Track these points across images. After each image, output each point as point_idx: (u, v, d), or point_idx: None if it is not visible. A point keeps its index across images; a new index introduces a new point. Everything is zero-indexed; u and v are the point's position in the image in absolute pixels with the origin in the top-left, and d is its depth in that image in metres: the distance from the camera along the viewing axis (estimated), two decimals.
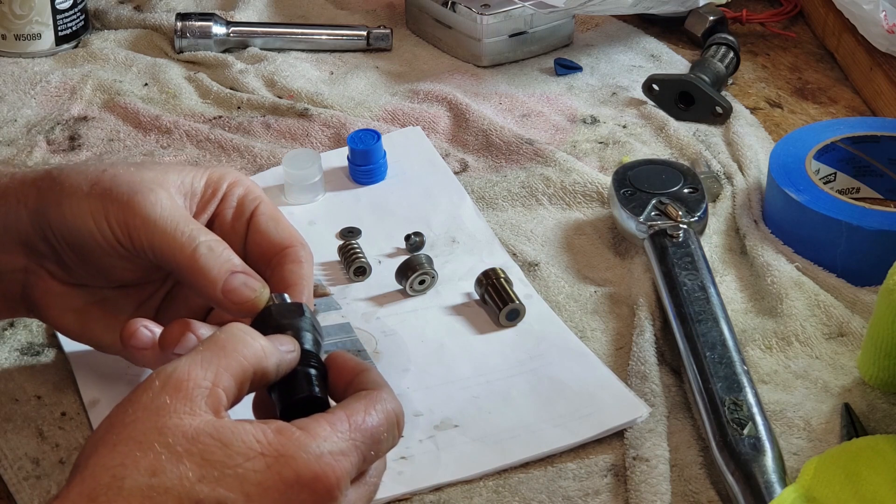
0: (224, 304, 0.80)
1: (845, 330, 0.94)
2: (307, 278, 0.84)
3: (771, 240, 1.02)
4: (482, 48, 1.28)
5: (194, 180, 0.84)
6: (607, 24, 1.36)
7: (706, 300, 0.92)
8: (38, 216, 0.82)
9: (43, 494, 0.81)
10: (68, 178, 0.82)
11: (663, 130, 1.17)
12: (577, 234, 1.05)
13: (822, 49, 1.32)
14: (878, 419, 0.87)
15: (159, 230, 0.80)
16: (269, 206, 0.86)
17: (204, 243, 0.80)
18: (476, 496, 0.82)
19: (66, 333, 0.87)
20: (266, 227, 0.84)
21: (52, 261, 0.84)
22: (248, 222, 0.85)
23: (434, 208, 1.07)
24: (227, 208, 0.85)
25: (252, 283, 0.80)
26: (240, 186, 0.86)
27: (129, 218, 0.80)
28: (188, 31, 1.30)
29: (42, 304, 0.85)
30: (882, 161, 1.08)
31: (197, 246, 0.80)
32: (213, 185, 0.85)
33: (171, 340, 0.79)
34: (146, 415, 0.64)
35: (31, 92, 1.23)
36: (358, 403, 0.69)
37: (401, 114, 1.20)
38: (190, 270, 0.80)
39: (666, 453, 0.83)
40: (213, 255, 0.80)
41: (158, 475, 0.62)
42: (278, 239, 0.84)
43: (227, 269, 0.80)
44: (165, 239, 0.80)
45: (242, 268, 0.81)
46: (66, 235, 0.82)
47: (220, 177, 0.85)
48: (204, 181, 0.85)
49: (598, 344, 0.94)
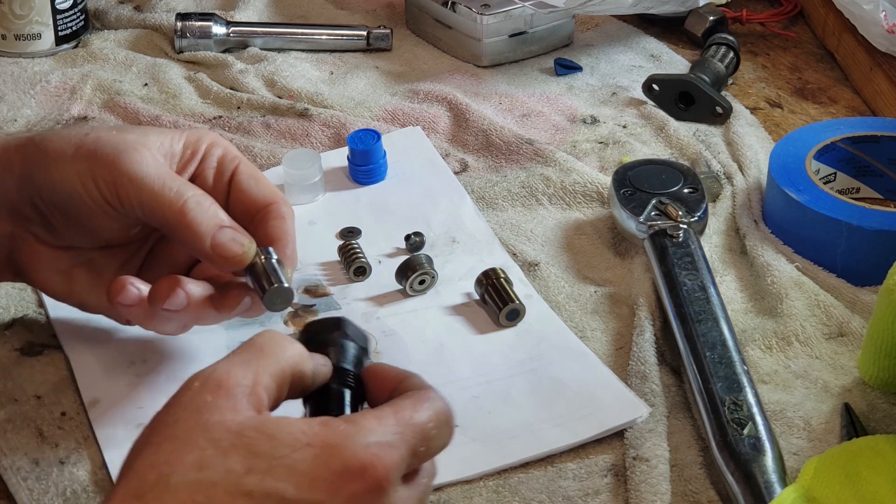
0: (213, 258, 0.82)
1: (845, 330, 0.94)
2: (290, 233, 0.86)
3: (771, 240, 1.02)
4: (482, 48, 1.28)
5: (173, 142, 0.86)
6: (607, 24, 1.36)
7: (706, 300, 0.92)
8: (25, 181, 0.84)
9: (43, 494, 0.81)
10: (52, 143, 0.84)
11: (663, 130, 1.17)
12: (577, 234, 1.05)
13: (822, 49, 1.32)
14: (878, 419, 0.87)
15: (147, 187, 0.82)
16: (248, 166, 0.88)
17: (192, 198, 0.82)
18: (476, 496, 0.82)
19: (52, 295, 0.89)
20: (247, 185, 0.87)
21: (40, 225, 0.85)
22: (228, 182, 0.87)
23: (434, 208, 1.07)
24: (207, 168, 0.87)
25: (240, 238, 0.82)
26: (218, 147, 0.87)
27: (117, 177, 0.82)
28: (188, 31, 1.30)
29: (28, 267, 0.87)
30: (882, 161, 1.08)
31: (185, 201, 0.82)
32: (191, 146, 0.87)
33: (160, 296, 0.82)
34: (188, 414, 0.64)
35: (31, 92, 1.23)
36: (405, 401, 0.68)
37: (401, 114, 1.20)
38: (179, 225, 0.82)
39: (666, 453, 0.83)
40: (202, 209, 0.82)
41: (205, 470, 0.62)
42: (260, 196, 0.86)
43: (216, 224, 0.82)
44: (154, 195, 0.82)
45: (230, 223, 0.83)
46: (55, 198, 0.83)
47: (199, 138, 0.87)
48: (182, 142, 0.86)
49: (598, 344, 0.94)
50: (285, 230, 0.86)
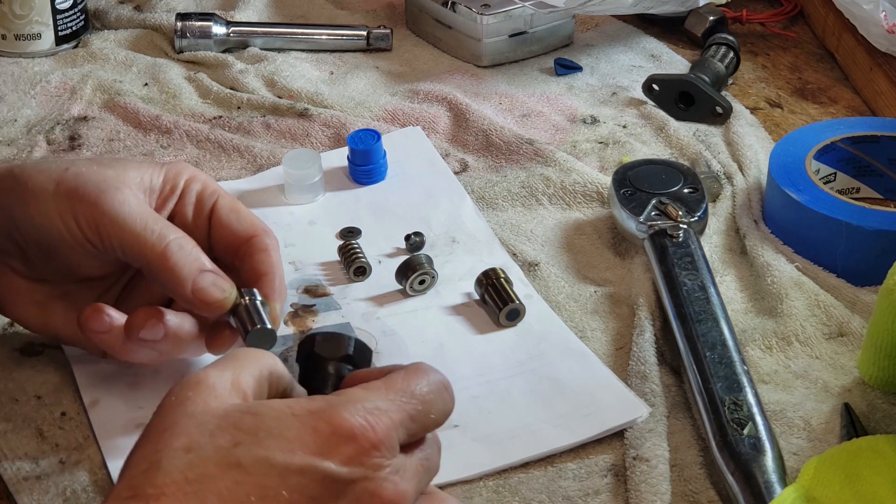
0: (193, 303, 0.82)
1: (845, 330, 0.94)
2: (276, 265, 0.85)
3: (771, 240, 1.02)
4: (482, 48, 1.28)
5: (153, 177, 0.85)
6: (607, 24, 1.36)
7: (706, 300, 0.92)
8: (3, 215, 0.83)
9: (43, 494, 0.81)
10: (31, 178, 0.83)
11: (663, 130, 1.17)
12: (577, 234, 1.05)
13: (822, 49, 1.32)
14: (878, 419, 0.87)
15: (128, 228, 0.81)
16: (228, 199, 0.87)
17: (174, 241, 0.82)
18: (476, 496, 0.82)
19: (27, 326, 0.89)
20: (228, 219, 0.86)
21: (17, 258, 0.85)
22: (208, 217, 0.86)
23: (434, 208, 1.07)
24: (186, 205, 0.86)
25: (221, 283, 0.82)
26: (196, 182, 0.87)
27: (98, 216, 0.81)
28: (188, 31, 1.30)
29: (4, 298, 0.87)
30: (882, 161, 1.08)
31: (167, 244, 0.81)
32: (170, 181, 0.86)
33: (137, 325, 0.81)
34: (172, 409, 0.65)
35: (31, 92, 1.23)
36: (396, 374, 0.68)
37: (401, 114, 1.20)
38: (160, 268, 0.81)
39: (666, 453, 0.83)
40: (183, 253, 0.82)
41: (194, 450, 0.62)
42: (241, 230, 0.86)
43: (197, 268, 0.82)
44: (135, 237, 0.81)
45: (212, 267, 0.82)
46: (34, 234, 0.83)
47: (177, 173, 0.87)
48: (162, 178, 0.86)
49: (598, 344, 0.94)
50: (271, 263, 0.85)
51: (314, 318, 0.95)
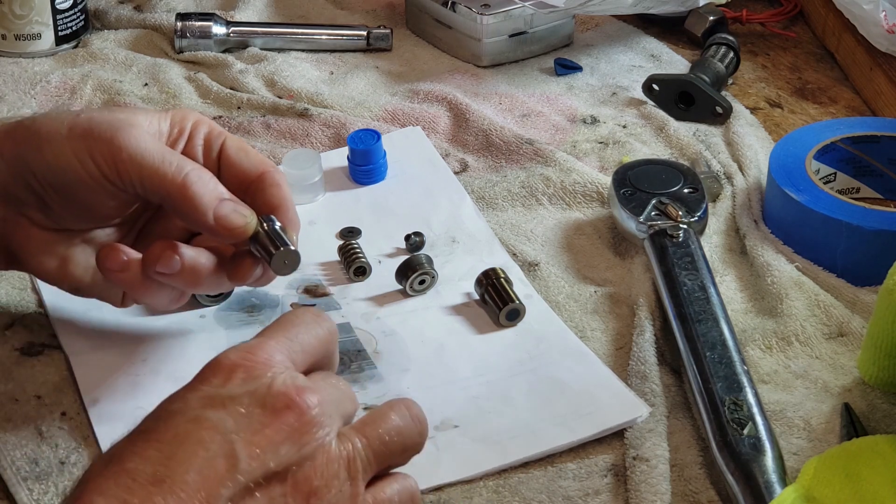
0: (216, 231, 0.83)
1: (845, 330, 0.94)
2: (288, 198, 0.87)
3: (771, 240, 1.02)
4: (482, 48, 1.28)
5: (160, 121, 0.87)
6: (607, 24, 1.36)
7: (706, 300, 0.92)
8: (18, 164, 0.84)
9: (43, 494, 0.81)
10: (43, 125, 0.84)
11: (663, 130, 1.17)
12: (577, 234, 1.05)
13: (822, 49, 1.32)
14: (878, 419, 0.87)
15: (147, 162, 0.82)
16: (235, 139, 0.89)
17: (193, 171, 0.83)
18: (476, 496, 0.82)
19: (46, 279, 0.89)
20: (237, 158, 0.88)
21: (35, 207, 0.86)
22: (218, 158, 0.88)
23: (434, 208, 1.07)
24: (195, 146, 0.88)
25: (242, 209, 0.84)
26: (203, 125, 0.89)
27: (116, 153, 0.82)
28: (188, 31, 1.30)
29: (23, 252, 0.87)
30: (882, 161, 1.08)
31: (187, 175, 0.82)
32: (177, 124, 0.88)
33: (152, 258, 0.83)
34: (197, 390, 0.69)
35: (31, 92, 1.23)
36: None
37: (401, 114, 1.20)
38: (181, 199, 0.82)
39: (666, 453, 0.83)
40: (202, 182, 0.83)
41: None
42: (251, 167, 0.88)
43: (217, 197, 0.83)
44: (154, 170, 0.82)
45: (230, 196, 0.84)
46: (50, 178, 0.84)
47: (183, 116, 0.88)
48: (168, 121, 0.87)
49: (598, 344, 0.94)
50: (283, 196, 0.87)
51: None
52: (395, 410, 0.71)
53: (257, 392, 0.67)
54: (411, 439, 0.71)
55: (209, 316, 0.95)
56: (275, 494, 0.65)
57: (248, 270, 0.86)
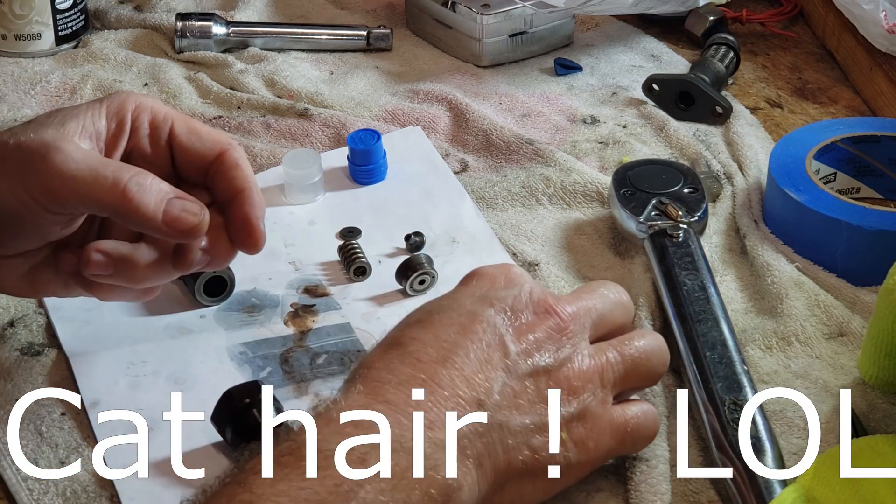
0: (169, 234, 0.80)
1: (845, 330, 0.94)
2: (251, 178, 0.84)
3: (771, 240, 1.02)
4: (482, 48, 1.28)
5: (94, 120, 0.82)
6: (607, 24, 1.36)
7: (706, 300, 0.92)
8: None
9: (43, 494, 0.81)
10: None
11: (663, 130, 1.17)
12: (577, 234, 1.05)
13: (822, 49, 1.32)
14: (878, 419, 0.86)
15: (81, 182, 0.78)
16: (184, 121, 0.85)
17: (132, 179, 0.79)
18: None
19: (23, 296, 0.88)
20: (189, 142, 0.84)
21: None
22: (168, 144, 0.84)
23: (434, 208, 1.07)
24: (141, 138, 0.84)
25: (191, 207, 0.80)
26: (144, 111, 0.84)
27: (48, 182, 0.78)
28: (188, 31, 1.30)
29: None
30: (882, 161, 1.08)
31: (125, 185, 0.79)
32: (115, 117, 0.83)
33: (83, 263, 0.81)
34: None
35: (31, 92, 1.23)
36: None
37: (401, 114, 1.20)
38: (126, 210, 0.79)
39: (666, 453, 0.83)
40: (144, 188, 0.79)
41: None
42: (206, 149, 0.84)
43: (162, 199, 0.79)
44: (90, 189, 0.78)
45: (178, 193, 0.80)
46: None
47: (120, 106, 0.84)
48: (104, 117, 0.83)
49: None
50: (245, 177, 0.84)
51: (314, 318, 0.95)
52: (648, 338, 0.81)
53: (520, 296, 0.77)
54: (657, 367, 0.81)
55: (209, 316, 0.95)
56: (541, 385, 0.75)
57: (191, 256, 0.83)
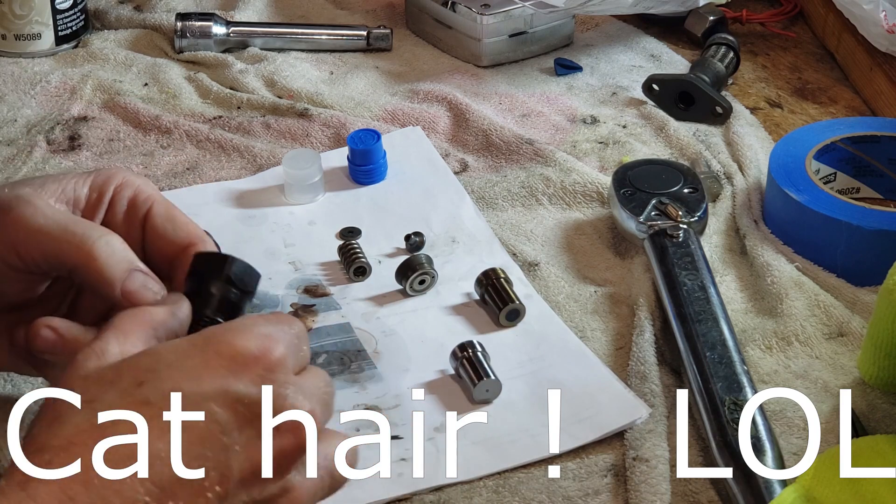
0: (122, 305, 0.75)
1: (845, 330, 0.94)
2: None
3: (771, 240, 1.02)
4: (482, 48, 1.28)
5: (76, 187, 0.80)
6: (607, 24, 1.36)
7: (706, 300, 0.92)
8: None
9: None
10: None
11: (663, 130, 1.17)
12: (577, 234, 1.05)
13: (822, 49, 1.32)
14: (878, 419, 0.87)
15: (46, 236, 0.75)
16: (164, 205, 0.81)
17: (100, 239, 0.75)
18: (476, 496, 0.82)
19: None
20: (163, 228, 0.80)
21: None
22: (142, 225, 0.80)
23: (434, 208, 1.07)
24: (116, 213, 0.80)
25: (152, 285, 0.76)
26: (128, 188, 0.80)
27: (12, 234, 0.75)
28: (188, 31, 1.30)
29: None
30: (882, 161, 1.08)
31: (94, 243, 0.75)
32: (97, 189, 0.80)
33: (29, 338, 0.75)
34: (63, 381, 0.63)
35: (31, 92, 1.23)
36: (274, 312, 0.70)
37: (401, 114, 1.20)
38: (87, 269, 0.75)
39: (666, 453, 0.83)
40: (110, 250, 0.75)
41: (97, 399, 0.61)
42: (177, 239, 0.79)
43: (126, 268, 0.75)
44: (56, 243, 0.75)
45: (141, 267, 0.77)
46: None
47: (106, 180, 0.81)
48: (87, 187, 0.80)
49: (598, 344, 0.94)
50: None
51: (314, 317, 0.95)
52: None
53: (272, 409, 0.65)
54: None
55: None
56: None
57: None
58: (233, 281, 0.73)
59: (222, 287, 0.72)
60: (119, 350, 0.65)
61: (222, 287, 0.72)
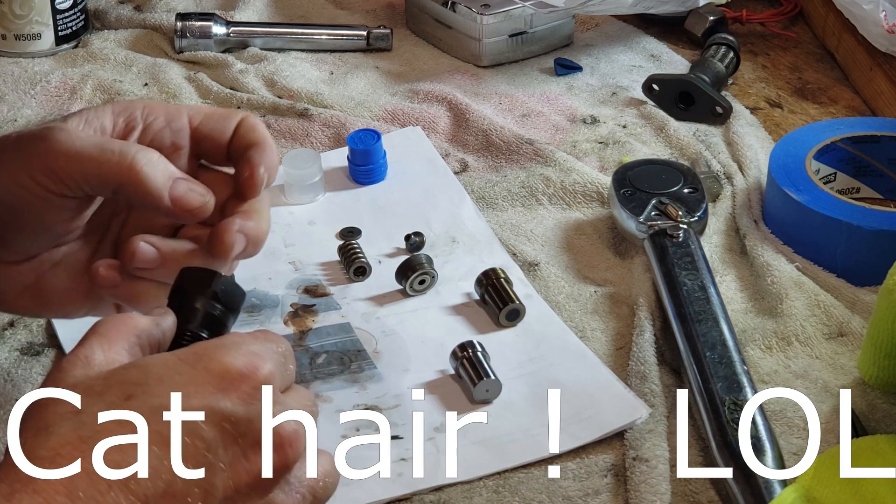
0: (174, 212, 0.78)
1: (845, 330, 0.94)
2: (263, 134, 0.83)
3: (771, 240, 1.02)
4: (482, 48, 1.28)
5: (98, 116, 0.80)
6: (607, 24, 1.36)
7: (706, 300, 0.92)
8: None
9: None
10: None
11: (663, 130, 1.17)
12: (577, 234, 1.05)
13: (822, 49, 1.32)
14: (878, 419, 0.87)
15: (86, 158, 0.76)
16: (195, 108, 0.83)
17: (140, 153, 0.77)
18: (476, 496, 0.82)
19: (28, 314, 0.85)
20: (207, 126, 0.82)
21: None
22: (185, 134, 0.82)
23: (434, 208, 1.07)
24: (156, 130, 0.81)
25: (198, 188, 0.78)
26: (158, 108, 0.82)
27: (51, 161, 0.76)
28: (188, 31, 1.30)
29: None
30: (882, 161, 1.08)
31: (133, 158, 0.76)
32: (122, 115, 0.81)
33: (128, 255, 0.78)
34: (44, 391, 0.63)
35: (31, 92, 1.23)
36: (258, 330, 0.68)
37: (401, 114, 1.20)
38: (132, 184, 0.76)
39: (666, 453, 0.83)
40: (152, 164, 0.77)
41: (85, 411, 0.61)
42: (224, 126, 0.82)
43: (169, 177, 0.77)
44: (96, 163, 0.76)
45: (183, 175, 0.79)
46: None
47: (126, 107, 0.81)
48: (108, 115, 0.81)
49: (598, 344, 0.94)
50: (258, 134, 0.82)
51: (314, 318, 0.95)
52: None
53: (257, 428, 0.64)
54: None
55: None
56: None
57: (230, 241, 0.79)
58: (218, 297, 0.72)
59: (206, 303, 0.72)
60: (104, 358, 0.65)
61: (206, 303, 0.72)
